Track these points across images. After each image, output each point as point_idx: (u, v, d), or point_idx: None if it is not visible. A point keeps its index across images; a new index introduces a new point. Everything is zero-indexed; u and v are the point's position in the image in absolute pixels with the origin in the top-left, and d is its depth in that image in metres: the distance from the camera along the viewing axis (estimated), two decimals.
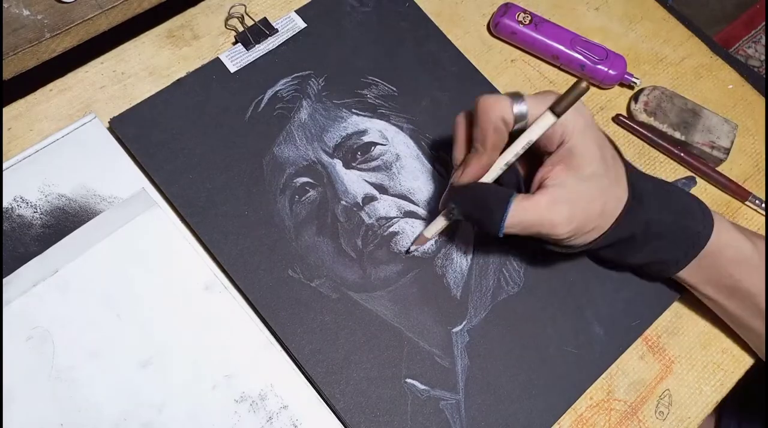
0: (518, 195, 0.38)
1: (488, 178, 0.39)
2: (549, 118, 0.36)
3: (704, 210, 0.42)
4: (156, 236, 0.43)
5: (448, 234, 0.45)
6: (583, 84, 0.35)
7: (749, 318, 0.43)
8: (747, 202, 0.52)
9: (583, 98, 0.36)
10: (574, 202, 0.37)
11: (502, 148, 0.38)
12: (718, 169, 0.53)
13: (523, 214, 0.37)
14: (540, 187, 0.38)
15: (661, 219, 0.41)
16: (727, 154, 0.52)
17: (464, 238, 0.46)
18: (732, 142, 0.52)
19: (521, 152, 0.38)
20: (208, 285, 0.42)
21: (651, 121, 0.52)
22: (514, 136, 0.38)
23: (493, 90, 0.51)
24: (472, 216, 0.39)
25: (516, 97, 0.37)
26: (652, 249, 0.42)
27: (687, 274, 0.43)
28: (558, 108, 0.36)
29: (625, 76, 0.54)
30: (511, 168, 0.40)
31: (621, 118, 0.53)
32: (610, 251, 0.42)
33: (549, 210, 0.37)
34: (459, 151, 0.40)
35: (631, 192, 0.39)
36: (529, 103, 0.37)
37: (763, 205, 0.52)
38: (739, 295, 0.43)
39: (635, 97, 0.53)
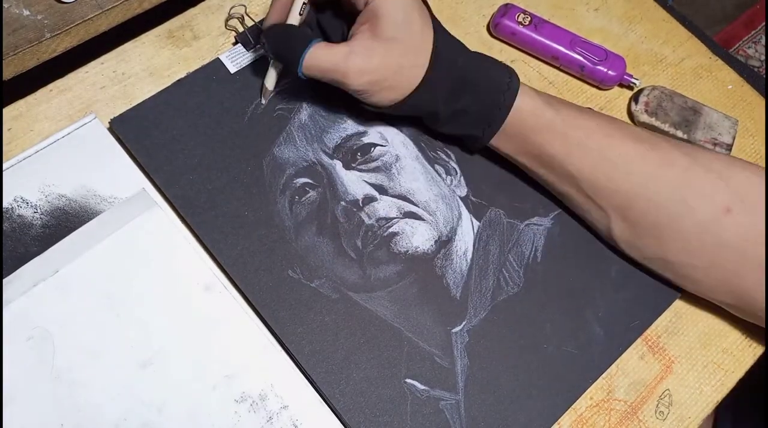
0: (321, 41, 0.41)
1: (292, 20, 0.42)
2: None
3: (511, 81, 0.43)
4: (156, 236, 0.43)
5: (447, 237, 0.45)
6: None
7: (562, 183, 0.45)
8: None
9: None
10: (368, 57, 0.40)
11: None
12: None
13: (321, 57, 0.40)
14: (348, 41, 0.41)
15: (464, 92, 0.43)
16: (730, 149, 0.52)
17: (464, 238, 0.46)
18: (734, 138, 0.52)
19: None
20: (208, 285, 0.42)
21: (653, 121, 0.52)
22: None
23: None
24: (278, 54, 0.43)
25: None
26: (458, 122, 0.44)
27: (498, 144, 0.45)
28: None
29: (625, 76, 0.54)
30: (337, 24, 0.44)
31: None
32: (421, 119, 0.46)
33: (344, 58, 0.40)
34: None
35: (435, 61, 0.41)
36: None
37: None
38: (547, 161, 0.44)
39: (635, 98, 0.53)
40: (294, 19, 0.42)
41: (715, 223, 0.41)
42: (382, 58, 0.40)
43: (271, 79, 0.46)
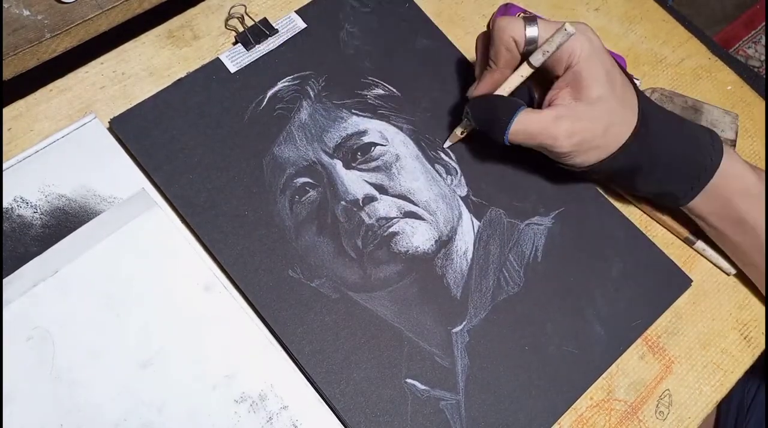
0: (526, 107, 0.42)
1: (502, 92, 0.43)
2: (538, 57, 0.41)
3: (714, 141, 0.43)
4: (156, 236, 0.43)
5: (448, 236, 0.45)
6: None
7: (753, 253, 0.44)
8: None
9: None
10: (576, 119, 0.40)
11: (513, 66, 0.42)
12: None
13: (528, 123, 0.41)
14: (549, 106, 0.42)
15: (670, 148, 0.42)
16: (734, 145, 0.52)
17: (464, 238, 0.46)
18: (736, 133, 0.52)
19: (526, 75, 0.42)
20: (208, 285, 0.42)
21: None
22: (527, 56, 0.42)
23: None
24: (482, 122, 0.44)
25: (529, 20, 0.41)
26: (660, 179, 0.44)
27: (695, 205, 0.44)
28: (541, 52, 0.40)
29: None
30: (525, 90, 0.45)
31: None
32: (620, 178, 0.45)
33: (552, 122, 0.40)
34: (478, 68, 0.45)
35: (641, 118, 0.41)
36: (541, 27, 0.41)
37: None
38: (744, 228, 0.43)
39: None
40: (505, 92, 0.43)
41: None
42: (590, 118, 0.40)
43: (452, 139, 0.48)
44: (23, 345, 0.39)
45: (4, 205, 0.42)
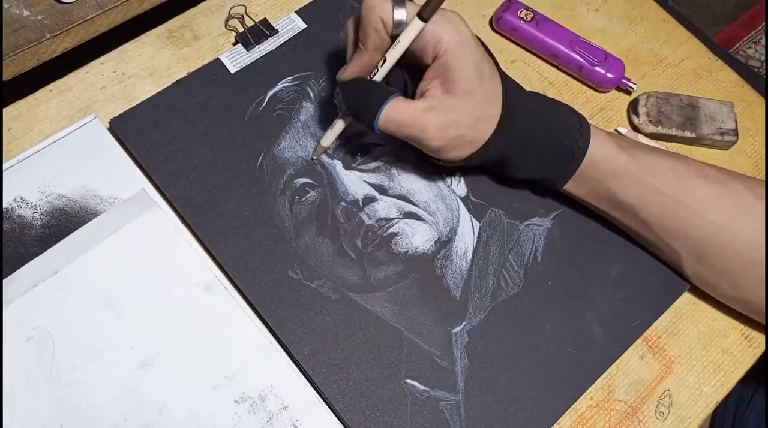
0: (398, 96, 0.40)
1: (376, 77, 0.41)
2: (417, 24, 0.38)
3: (582, 125, 0.43)
4: (156, 237, 0.43)
5: (447, 237, 0.45)
6: (416, 22, 0.37)
7: (635, 227, 0.45)
8: None
9: (461, 14, 0.40)
10: (446, 114, 0.39)
11: (383, 49, 0.40)
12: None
13: (399, 113, 0.39)
14: (420, 97, 0.41)
15: (536, 138, 0.42)
16: (737, 135, 0.52)
17: (464, 239, 0.46)
18: (736, 122, 0.52)
19: (396, 55, 0.40)
20: (209, 285, 0.42)
21: (659, 129, 0.52)
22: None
23: None
24: (354, 108, 0.42)
25: (398, 1, 0.39)
26: (531, 167, 0.44)
27: (570, 188, 0.45)
28: (425, 13, 0.37)
29: (623, 80, 0.54)
30: (401, 78, 0.44)
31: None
32: (493, 168, 0.45)
33: (423, 114, 0.39)
34: (349, 50, 0.43)
35: (506, 109, 0.41)
36: (410, 10, 0.39)
37: None
38: (621, 207, 0.44)
39: (634, 111, 0.53)
40: (378, 77, 0.41)
41: None
42: (459, 112, 0.39)
43: (329, 138, 0.45)
44: (23, 345, 0.39)
45: (4, 205, 0.42)
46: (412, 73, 0.43)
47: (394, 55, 0.40)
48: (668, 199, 0.42)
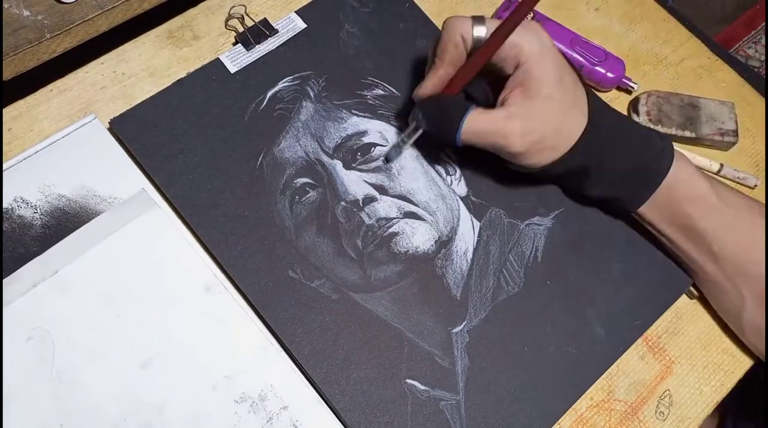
0: (477, 107, 0.41)
1: (452, 91, 0.42)
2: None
3: (665, 146, 0.42)
4: (156, 237, 0.43)
5: (448, 237, 0.45)
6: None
7: (703, 260, 0.44)
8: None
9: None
10: (528, 119, 0.40)
11: (459, 64, 0.41)
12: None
13: (479, 123, 0.40)
14: (501, 106, 0.41)
15: (619, 151, 0.42)
16: (737, 135, 0.52)
17: (464, 238, 0.46)
18: (736, 123, 0.52)
19: (477, 70, 0.41)
20: (209, 285, 0.42)
21: (659, 128, 0.52)
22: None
23: None
24: (433, 123, 0.43)
25: (478, 19, 0.41)
26: (608, 183, 0.43)
27: (645, 210, 0.44)
28: (503, 29, 0.39)
29: (623, 79, 0.54)
30: (482, 91, 0.44)
31: None
32: (569, 180, 0.45)
33: (503, 121, 0.40)
34: (428, 69, 0.44)
35: (591, 119, 0.41)
36: (489, 27, 0.40)
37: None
38: (694, 235, 0.43)
39: (635, 109, 0.53)
40: (455, 91, 0.42)
41: None
42: (541, 117, 0.40)
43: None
44: (23, 345, 0.39)
45: (4, 205, 0.42)
46: (494, 84, 0.43)
47: (471, 69, 0.41)
48: (746, 235, 0.41)
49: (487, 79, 0.43)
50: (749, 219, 0.42)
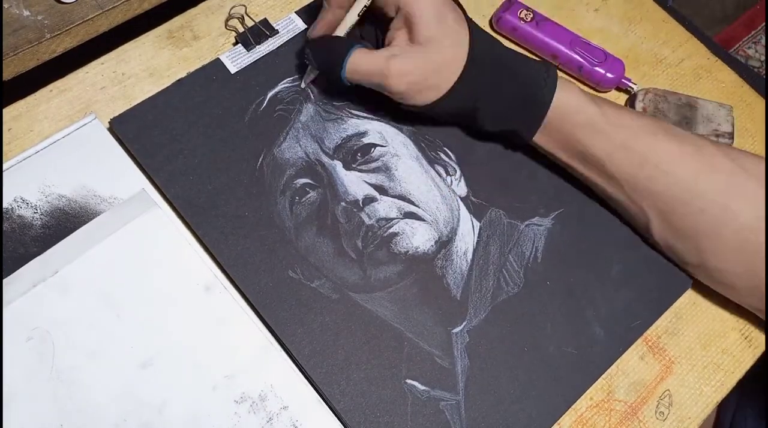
0: (361, 47, 0.42)
1: (339, 33, 0.44)
2: None
3: (549, 75, 0.43)
4: (156, 237, 0.43)
5: (448, 237, 0.45)
6: None
7: (603, 184, 0.45)
8: None
9: None
10: (408, 59, 0.41)
11: (346, 6, 0.43)
12: None
13: (362, 63, 0.42)
14: (386, 47, 0.43)
15: (502, 85, 0.43)
16: (732, 138, 0.52)
17: (464, 239, 0.46)
18: (733, 126, 0.52)
19: (355, 12, 0.43)
20: (209, 285, 0.42)
21: None
22: None
23: None
24: (321, 63, 0.44)
25: None
26: (498, 116, 0.44)
27: (540, 140, 0.45)
28: None
29: (623, 80, 0.54)
30: (372, 33, 0.47)
31: None
32: (461, 117, 0.46)
33: (385, 61, 0.41)
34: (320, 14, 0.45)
35: (471, 56, 0.42)
36: None
37: None
38: (590, 160, 0.44)
39: (632, 105, 0.53)
40: (341, 32, 0.44)
41: (756, 229, 0.41)
42: (421, 57, 0.41)
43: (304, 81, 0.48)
44: (23, 345, 0.39)
45: (4, 205, 0.42)
46: (382, 28, 0.45)
47: (353, 11, 0.43)
48: (636, 154, 0.42)
49: (378, 23, 0.45)
50: (641, 138, 0.42)
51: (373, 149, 0.47)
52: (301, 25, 0.50)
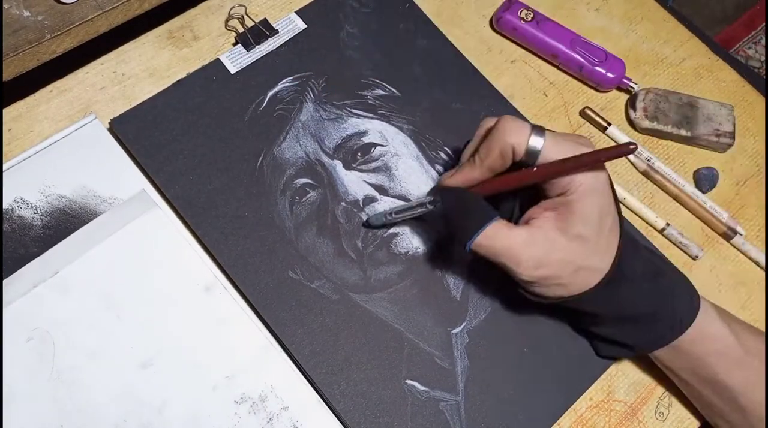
0: (501, 219, 0.37)
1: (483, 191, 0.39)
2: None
3: (693, 298, 0.40)
4: (156, 237, 0.43)
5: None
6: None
7: (728, 411, 0.41)
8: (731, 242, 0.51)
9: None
10: (549, 251, 0.36)
11: (499, 172, 0.38)
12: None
13: (496, 238, 0.36)
14: (526, 223, 0.38)
15: (638, 304, 0.39)
16: (733, 138, 0.52)
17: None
18: (734, 125, 0.52)
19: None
20: (209, 286, 0.42)
21: (655, 125, 0.52)
22: (522, 166, 0.37)
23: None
24: (450, 217, 0.39)
25: (537, 130, 0.36)
26: (621, 330, 0.41)
27: (663, 357, 0.41)
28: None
29: (624, 79, 0.53)
30: (508, 196, 0.40)
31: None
32: (574, 316, 0.43)
33: (522, 246, 0.36)
34: (467, 153, 0.41)
35: (614, 271, 0.38)
36: (547, 143, 0.36)
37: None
38: (719, 388, 0.40)
39: (632, 105, 0.53)
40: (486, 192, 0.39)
41: None
42: (563, 254, 0.36)
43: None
44: (23, 345, 0.39)
45: (5, 205, 0.42)
46: (524, 198, 0.40)
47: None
48: None
49: (522, 193, 0.40)
50: None
51: (373, 149, 0.47)
52: (301, 25, 0.50)
